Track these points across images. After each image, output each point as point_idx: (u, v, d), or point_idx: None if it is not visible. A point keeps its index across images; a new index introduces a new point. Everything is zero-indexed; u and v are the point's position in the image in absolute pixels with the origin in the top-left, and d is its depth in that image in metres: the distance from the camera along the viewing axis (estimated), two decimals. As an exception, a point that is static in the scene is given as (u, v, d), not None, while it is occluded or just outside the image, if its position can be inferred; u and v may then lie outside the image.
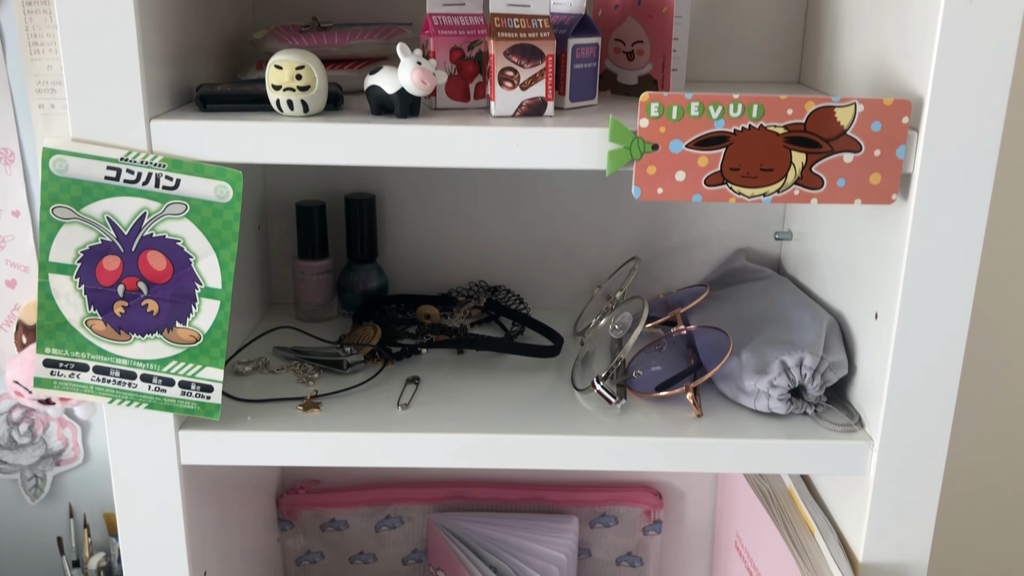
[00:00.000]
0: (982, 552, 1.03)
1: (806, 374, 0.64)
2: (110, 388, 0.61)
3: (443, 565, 0.89)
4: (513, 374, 0.74)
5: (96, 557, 0.93)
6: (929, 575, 0.66)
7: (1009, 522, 1.02)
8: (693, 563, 0.96)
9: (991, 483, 1.00)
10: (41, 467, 0.94)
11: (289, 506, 0.92)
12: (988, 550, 1.03)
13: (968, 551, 1.03)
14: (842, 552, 0.66)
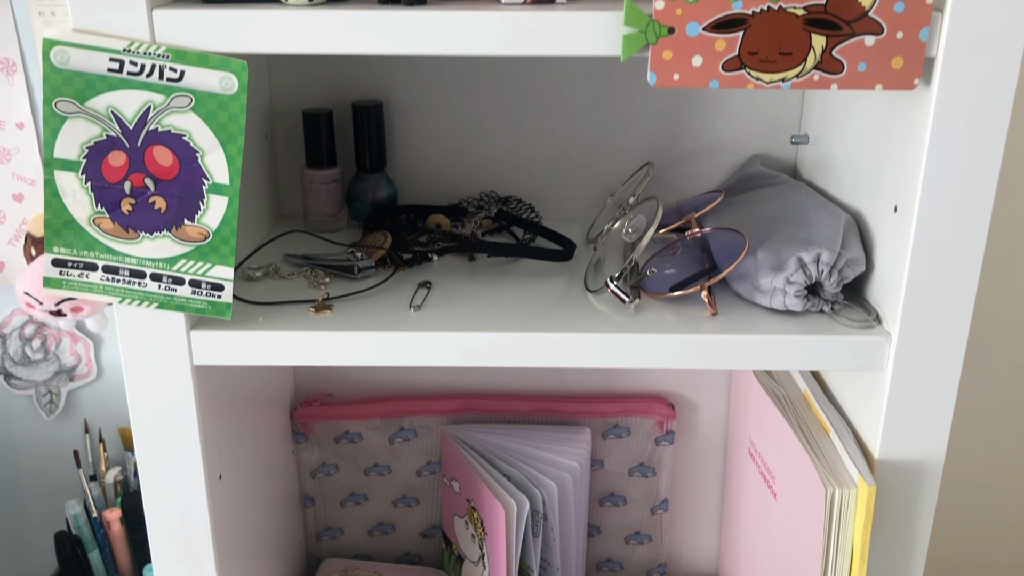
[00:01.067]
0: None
1: (823, 270, 0.63)
2: (120, 288, 0.61)
3: (457, 475, 0.90)
4: (525, 279, 0.73)
5: (112, 471, 0.93)
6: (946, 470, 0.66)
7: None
8: (706, 473, 0.96)
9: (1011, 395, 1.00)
10: (55, 383, 0.95)
11: (303, 419, 0.92)
12: (997, 450, 1.03)
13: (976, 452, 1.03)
14: (858, 450, 0.66)
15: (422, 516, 0.98)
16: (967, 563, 1.09)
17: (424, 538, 0.99)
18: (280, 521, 0.90)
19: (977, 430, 1.01)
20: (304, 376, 0.94)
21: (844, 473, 0.65)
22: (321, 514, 0.97)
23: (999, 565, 1.10)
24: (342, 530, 0.98)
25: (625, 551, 0.98)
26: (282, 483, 0.90)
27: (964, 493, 1.04)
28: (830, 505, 0.63)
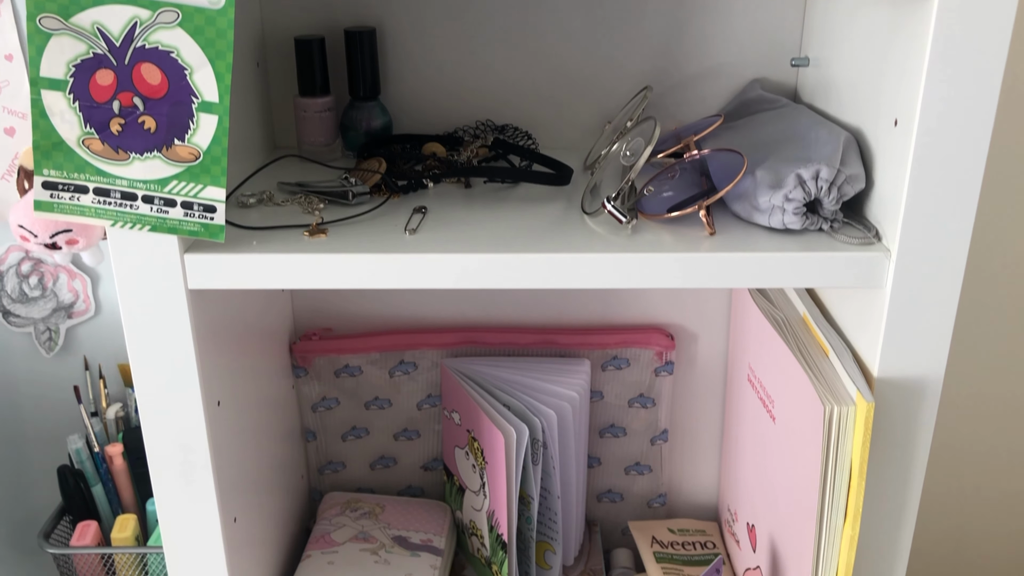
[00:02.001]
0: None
1: (822, 187, 0.63)
2: (112, 211, 0.60)
3: (457, 407, 0.90)
4: (522, 204, 0.72)
5: (113, 407, 0.94)
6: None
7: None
8: (705, 403, 0.96)
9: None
10: (54, 320, 0.95)
11: (302, 352, 0.92)
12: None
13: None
14: (857, 369, 0.65)
15: (423, 449, 0.99)
16: (964, 491, 1.10)
17: (425, 471, 1.00)
18: (282, 455, 0.90)
19: (976, 351, 1.00)
20: (302, 310, 0.94)
21: (843, 391, 0.65)
22: (323, 448, 0.98)
23: (998, 493, 1.10)
24: (344, 464, 0.99)
25: (625, 482, 0.99)
26: (283, 417, 0.91)
27: (961, 417, 1.04)
28: (828, 423, 0.63)
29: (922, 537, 1.05)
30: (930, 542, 1.12)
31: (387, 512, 0.95)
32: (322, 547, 0.89)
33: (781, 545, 0.76)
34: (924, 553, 1.11)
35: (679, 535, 0.96)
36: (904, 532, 0.68)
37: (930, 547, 1.12)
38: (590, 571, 0.95)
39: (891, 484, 0.67)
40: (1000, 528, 1.12)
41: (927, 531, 1.10)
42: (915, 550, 0.73)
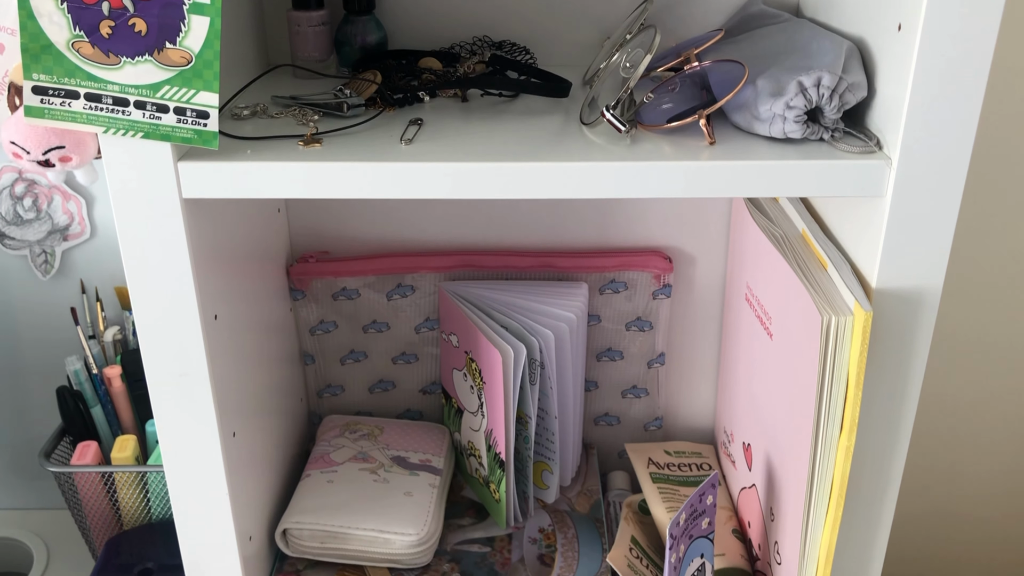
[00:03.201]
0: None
1: (824, 94, 0.62)
2: (103, 117, 0.60)
3: (455, 329, 0.90)
4: (520, 117, 0.71)
5: (111, 330, 0.94)
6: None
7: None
8: (702, 326, 0.96)
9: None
10: (49, 242, 0.94)
11: (299, 275, 0.92)
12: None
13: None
14: (855, 280, 0.65)
15: (421, 373, 0.99)
16: (960, 401, 1.11)
17: (424, 394, 1.00)
18: (281, 378, 0.90)
19: (976, 259, 1.00)
20: (299, 233, 0.93)
21: (840, 302, 0.64)
22: (321, 372, 0.98)
23: (993, 399, 1.11)
24: (343, 387, 0.99)
25: (622, 405, 0.99)
26: (281, 340, 0.91)
27: (959, 328, 1.04)
28: (826, 334, 0.63)
29: (916, 452, 1.06)
30: (924, 455, 1.13)
31: (386, 434, 0.96)
32: (321, 467, 0.90)
33: (776, 461, 0.77)
34: (918, 468, 1.12)
35: (675, 457, 0.97)
36: (900, 443, 0.69)
37: (926, 460, 1.13)
38: (587, 491, 0.95)
39: (888, 395, 0.67)
40: (991, 456, 1.13)
41: (921, 445, 1.11)
42: (910, 463, 0.73)
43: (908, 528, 1.17)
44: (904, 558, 1.19)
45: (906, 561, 1.19)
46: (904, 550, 1.18)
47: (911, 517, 1.15)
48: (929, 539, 1.19)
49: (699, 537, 0.77)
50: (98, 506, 0.88)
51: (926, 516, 1.17)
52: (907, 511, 1.15)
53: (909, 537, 1.17)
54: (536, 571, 0.85)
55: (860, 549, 0.73)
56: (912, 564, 1.20)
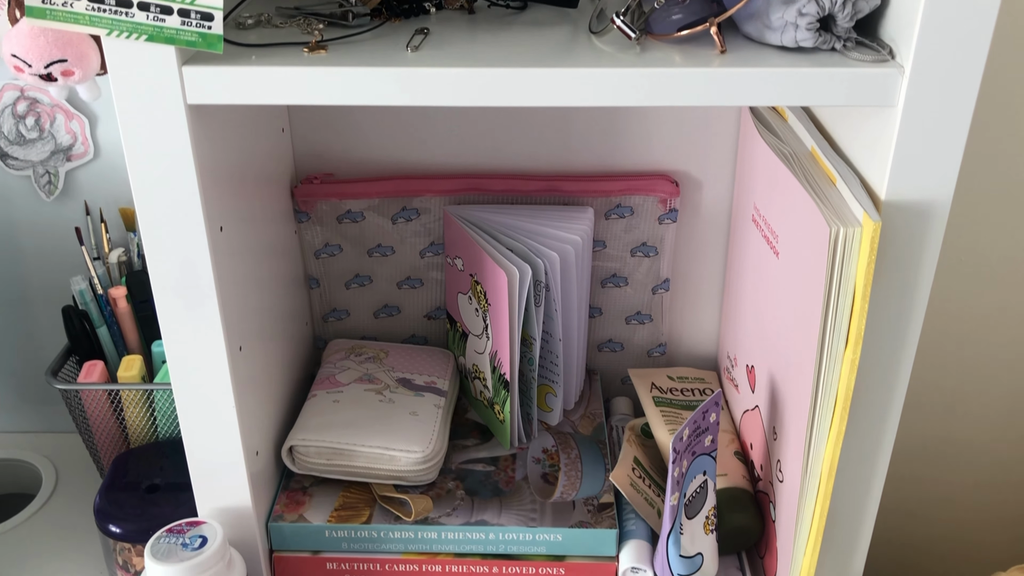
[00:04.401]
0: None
1: (836, 1, 0.61)
2: (107, 18, 0.59)
3: (460, 252, 0.90)
4: (528, 28, 0.70)
5: (116, 252, 0.94)
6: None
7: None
8: (708, 252, 0.96)
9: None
10: (52, 163, 0.94)
11: (304, 196, 0.92)
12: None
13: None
14: (864, 193, 0.65)
15: (426, 298, 0.99)
16: (964, 322, 1.11)
17: (429, 320, 1.00)
18: (286, 301, 0.90)
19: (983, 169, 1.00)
20: (303, 155, 0.93)
21: (849, 214, 0.64)
22: (326, 296, 0.98)
23: (997, 323, 1.11)
24: (348, 312, 0.99)
25: (626, 332, 1.00)
26: (286, 262, 0.91)
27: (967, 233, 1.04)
28: (833, 245, 0.63)
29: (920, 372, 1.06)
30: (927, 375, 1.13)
31: (391, 357, 0.96)
32: (327, 387, 0.90)
33: (780, 381, 0.77)
34: (921, 384, 1.12)
35: (678, 382, 0.97)
36: (905, 358, 0.69)
37: (929, 380, 1.14)
38: (590, 415, 0.96)
39: (894, 309, 0.67)
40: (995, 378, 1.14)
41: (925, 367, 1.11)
42: (915, 379, 0.74)
43: (909, 450, 1.18)
44: (905, 478, 1.20)
45: (907, 483, 1.20)
46: (905, 472, 1.19)
47: (912, 437, 1.16)
48: (929, 464, 1.20)
49: (702, 454, 0.77)
50: (105, 424, 0.89)
51: (926, 439, 1.18)
52: (908, 432, 1.15)
53: (910, 460, 1.18)
54: (539, 489, 0.86)
55: (862, 465, 0.74)
56: (913, 486, 1.21)
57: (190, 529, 0.75)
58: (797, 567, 0.76)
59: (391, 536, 0.82)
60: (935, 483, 1.21)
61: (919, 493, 1.21)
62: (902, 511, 1.21)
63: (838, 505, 0.75)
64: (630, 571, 0.81)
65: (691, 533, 0.78)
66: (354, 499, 0.84)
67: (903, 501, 1.21)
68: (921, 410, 1.15)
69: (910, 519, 1.23)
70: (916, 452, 1.18)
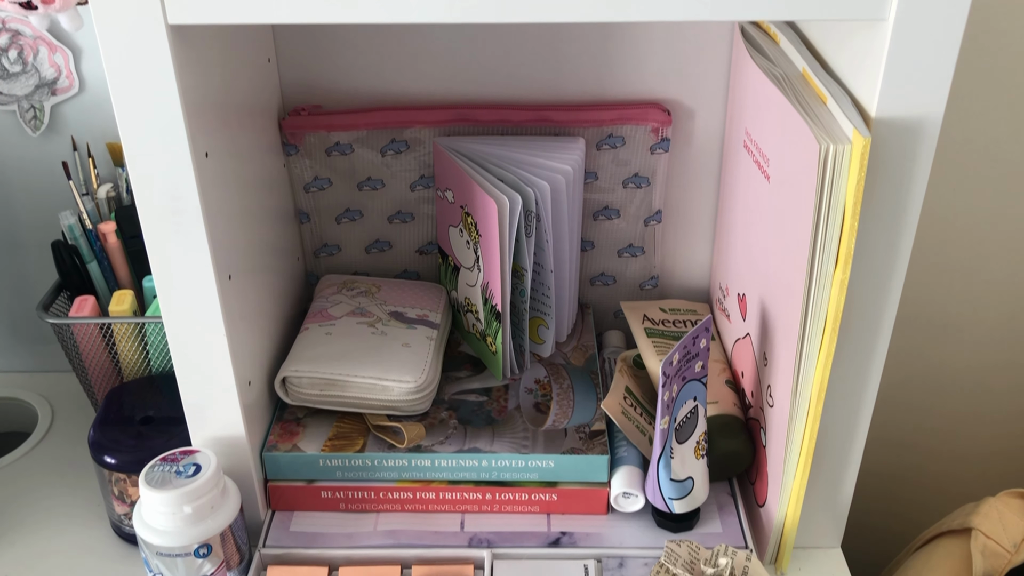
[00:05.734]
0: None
1: (829, -88, 0.60)
2: (83, -66, 0.58)
3: (451, 184, 0.90)
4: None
5: (104, 187, 0.93)
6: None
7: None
8: (700, 181, 0.96)
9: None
10: (37, 97, 0.93)
11: (292, 129, 0.91)
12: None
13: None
14: (855, 110, 0.64)
15: (417, 233, 0.99)
16: (955, 218, 1.11)
17: (420, 255, 1.00)
18: (277, 236, 0.90)
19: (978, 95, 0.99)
20: (290, 86, 0.92)
21: (839, 131, 0.64)
22: (317, 231, 0.98)
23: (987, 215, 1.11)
24: (339, 247, 0.99)
25: (618, 265, 1.00)
26: (275, 196, 0.90)
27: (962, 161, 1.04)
28: (823, 162, 0.63)
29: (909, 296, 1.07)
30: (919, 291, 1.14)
31: (383, 291, 0.96)
32: (319, 320, 0.91)
33: (771, 306, 0.77)
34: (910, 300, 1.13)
35: (670, 314, 0.97)
36: (895, 279, 0.69)
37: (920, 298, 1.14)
38: (582, 347, 0.96)
39: (884, 229, 0.67)
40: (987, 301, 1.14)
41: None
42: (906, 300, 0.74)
43: (900, 380, 1.19)
44: (895, 407, 1.21)
45: (898, 413, 1.21)
46: (896, 402, 1.20)
47: (903, 367, 1.17)
48: (920, 394, 1.21)
49: (692, 380, 0.78)
50: (98, 359, 0.89)
51: (917, 368, 1.19)
52: (899, 362, 1.16)
53: (901, 390, 1.19)
54: (532, 418, 0.86)
55: (852, 388, 0.74)
56: (904, 416, 1.22)
57: (184, 457, 0.75)
58: (787, 491, 0.77)
59: (385, 464, 0.82)
60: (926, 413, 1.22)
61: (910, 423, 1.22)
62: (893, 441, 1.23)
63: (827, 428, 0.76)
64: (621, 496, 0.82)
65: (681, 457, 0.78)
66: (347, 429, 0.85)
67: (893, 431, 1.22)
68: (912, 338, 1.15)
69: (901, 449, 1.24)
70: (907, 382, 1.19)
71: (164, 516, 0.72)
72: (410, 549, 0.79)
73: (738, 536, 0.81)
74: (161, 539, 0.73)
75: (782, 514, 0.78)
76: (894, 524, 1.28)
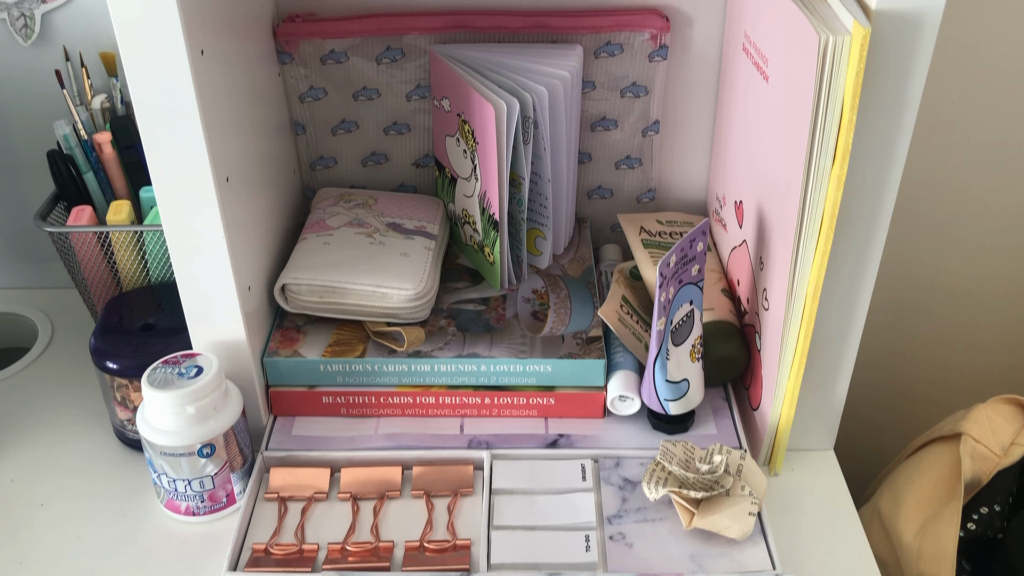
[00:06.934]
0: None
1: None
2: None
3: (447, 93, 0.89)
4: None
5: (98, 98, 0.92)
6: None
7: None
8: (699, 90, 0.95)
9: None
10: (27, 5, 0.91)
11: (286, 36, 0.90)
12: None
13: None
14: (855, 3, 0.64)
15: (414, 145, 0.98)
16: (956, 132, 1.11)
17: (417, 168, 1.00)
18: (273, 147, 0.89)
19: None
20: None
21: (839, 24, 0.63)
22: (313, 142, 0.97)
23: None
24: (335, 159, 0.99)
25: (616, 177, 1.00)
26: (271, 107, 0.89)
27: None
28: (822, 55, 0.62)
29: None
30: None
31: (380, 203, 0.96)
32: (317, 231, 0.91)
33: (768, 209, 0.77)
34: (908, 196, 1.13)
35: (667, 226, 0.97)
36: (892, 176, 0.69)
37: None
38: (579, 259, 0.97)
39: (883, 125, 0.67)
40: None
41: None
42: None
43: (895, 288, 1.19)
44: (890, 311, 1.22)
45: (893, 318, 1.22)
46: (890, 310, 1.21)
47: (898, 277, 1.18)
48: (916, 302, 1.22)
49: (688, 283, 0.78)
50: (96, 269, 0.89)
51: (913, 277, 1.20)
52: (894, 270, 1.17)
53: (896, 296, 1.20)
54: (529, 325, 0.87)
55: (847, 288, 0.75)
56: (899, 325, 1.24)
57: (186, 360, 0.76)
58: (781, 393, 0.78)
59: (385, 369, 0.83)
60: (920, 324, 1.23)
61: (904, 334, 1.24)
62: (887, 352, 1.24)
63: (822, 328, 0.77)
64: (618, 399, 0.83)
65: (677, 359, 0.79)
66: (347, 336, 0.86)
67: (888, 342, 1.23)
68: (907, 248, 1.16)
69: (895, 360, 1.25)
70: (901, 292, 1.20)
71: (167, 416, 0.73)
72: (411, 451, 0.81)
73: (732, 438, 0.83)
74: (165, 439, 0.74)
75: (776, 416, 0.80)
76: (887, 434, 1.30)
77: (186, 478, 0.75)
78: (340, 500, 0.78)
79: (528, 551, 0.72)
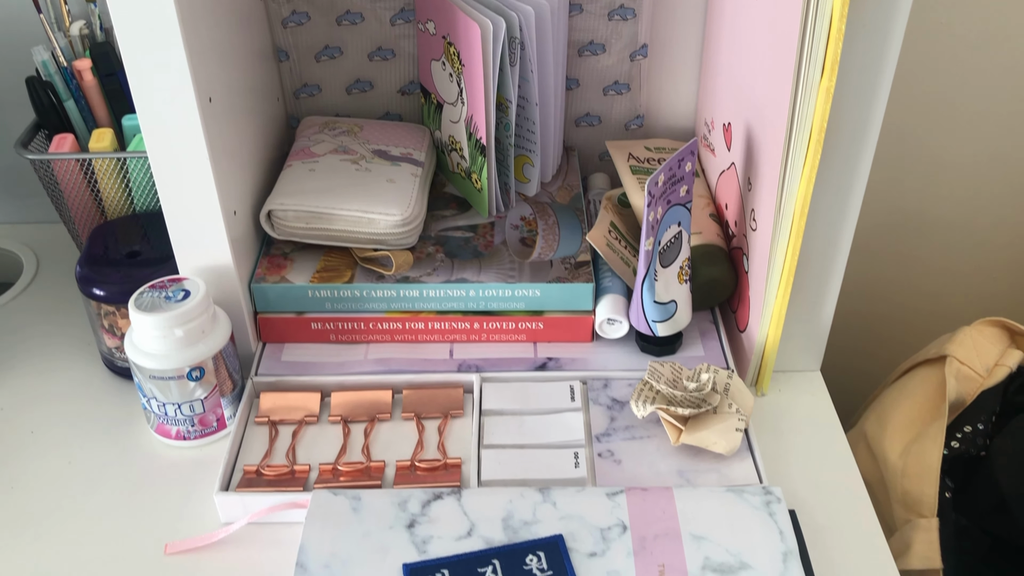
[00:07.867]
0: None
1: None
2: None
3: (432, 15, 0.88)
4: None
5: (76, 24, 0.91)
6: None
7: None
8: (686, 12, 0.93)
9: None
10: (0, -73, 0.89)
11: (267, -42, 0.88)
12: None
13: None
14: (845, -90, 0.63)
15: (399, 71, 0.97)
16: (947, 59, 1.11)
17: (403, 95, 0.99)
18: (256, 74, 0.88)
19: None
20: (265, -86, 0.89)
21: (829, -69, 0.62)
22: (297, 69, 0.96)
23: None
24: (319, 87, 0.97)
25: (604, 104, 0.99)
26: (253, 32, 0.88)
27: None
28: (812, -37, 0.61)
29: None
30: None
31: (366, 131, 0.95)
32: (302, 158, 0.90)
33: (756, 128, 0.77)
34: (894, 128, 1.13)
35: (655, 152, 0.97)
36: (881, 88, 0.69)
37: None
38: (568, 186, 0.96)
39: (871, 36, 0.66)
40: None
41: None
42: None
43: (883, 214, 1.20)
44: (879, 233, 1.22)
45: (880, 248, 1.23)
46: (879, 233, 1.21)
47: (885, 202, 1.18)
48: (904, 227, 1.22)
49: (677, 204, 0.78)
50: (80, 198, 0.88)
51: (899, 205, 1.20)
52: (881, 197, 1.17)
53: (884, 222, 1.20)
54: (518, 251, 0.87)
55: (834, 203, 0.75)
56: (888, 253, 1.24)
57: (173, 284, 0.75)
58: (768, 312, 0.79)
59: (373, 295, 0.83)
60: (908, 250, 1.23)
61: (891, 261, 1.24)
62: (874, 279, 1.24)
63: (809, 246, 0.77)
64: (606, 322, 0.84)
65: (665, 281, 0.79)
66: (335, 262, 0.85)
67: (875, 269, 1.23)
68: (895, 175, 1.16)
69: (882, 286, 1.26)
70: (889, 219, 1.20)
71: (156, 340, 0.73)
72: (401, 375, 0.81)
73: (720, 359, 0.83)
74: (154, 362, 0.74)
75: (763, 336, 0.80)
76: (875, 362, 1.31)
77: (176, 402, 0.76)
78: (331, 423, 0.79)
79: (518, 468, 0.73)
